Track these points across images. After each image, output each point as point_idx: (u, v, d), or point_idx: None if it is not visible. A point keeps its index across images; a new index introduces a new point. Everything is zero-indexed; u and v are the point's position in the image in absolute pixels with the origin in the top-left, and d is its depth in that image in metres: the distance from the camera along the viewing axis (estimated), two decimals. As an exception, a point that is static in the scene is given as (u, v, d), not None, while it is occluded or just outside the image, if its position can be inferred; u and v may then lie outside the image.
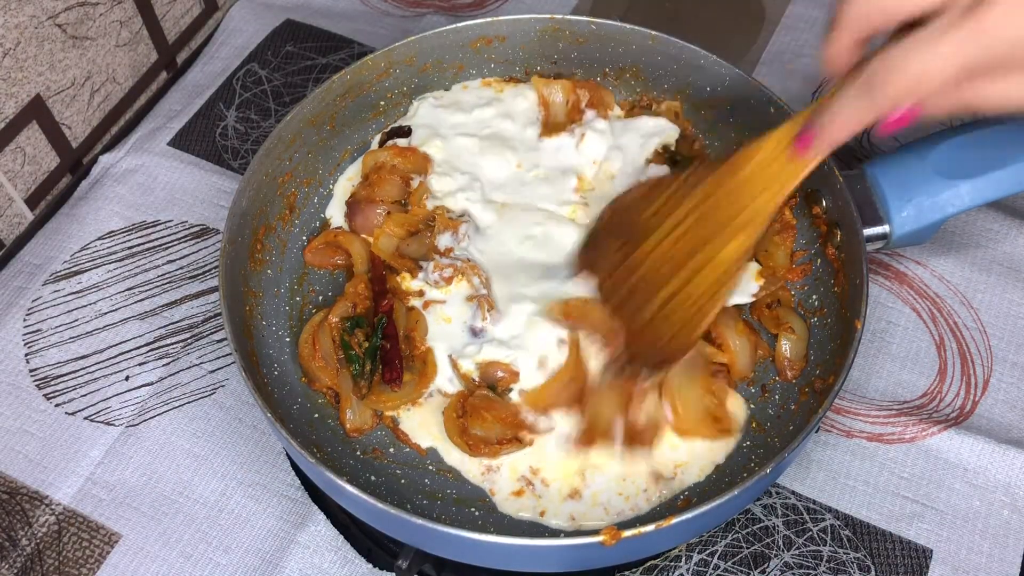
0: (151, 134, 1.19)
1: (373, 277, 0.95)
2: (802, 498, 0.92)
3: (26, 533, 0.91)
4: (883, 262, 1.07)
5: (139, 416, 0.98)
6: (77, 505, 0.92)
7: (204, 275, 1.07)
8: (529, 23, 1.05)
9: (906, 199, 0.91)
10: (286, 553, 0.90)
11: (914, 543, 0.90)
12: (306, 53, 1.28)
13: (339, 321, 0.91)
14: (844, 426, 0.96)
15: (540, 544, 0.77)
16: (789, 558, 0.89)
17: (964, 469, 0.93)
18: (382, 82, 1.04)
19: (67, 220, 1.12)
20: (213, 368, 1.01)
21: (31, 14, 1.04)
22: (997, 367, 1.00)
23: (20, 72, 1.06)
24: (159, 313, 1.05)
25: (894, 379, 0.99)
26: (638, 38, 1.03)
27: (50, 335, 1.03)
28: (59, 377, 1.00)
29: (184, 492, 0.93)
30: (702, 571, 0.88)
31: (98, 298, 1.06)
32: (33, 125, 1.10)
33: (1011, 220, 1.09)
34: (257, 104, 1.23)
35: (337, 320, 0.91)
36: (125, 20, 1.19)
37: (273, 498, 0.93)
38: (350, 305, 0.92)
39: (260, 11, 1.32)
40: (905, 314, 1.04)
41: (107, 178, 1.15)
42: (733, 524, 0.91)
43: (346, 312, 0.92)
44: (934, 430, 0.95)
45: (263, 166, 0.94)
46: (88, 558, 0.90)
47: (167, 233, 1.11)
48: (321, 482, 0.81)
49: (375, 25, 1.32)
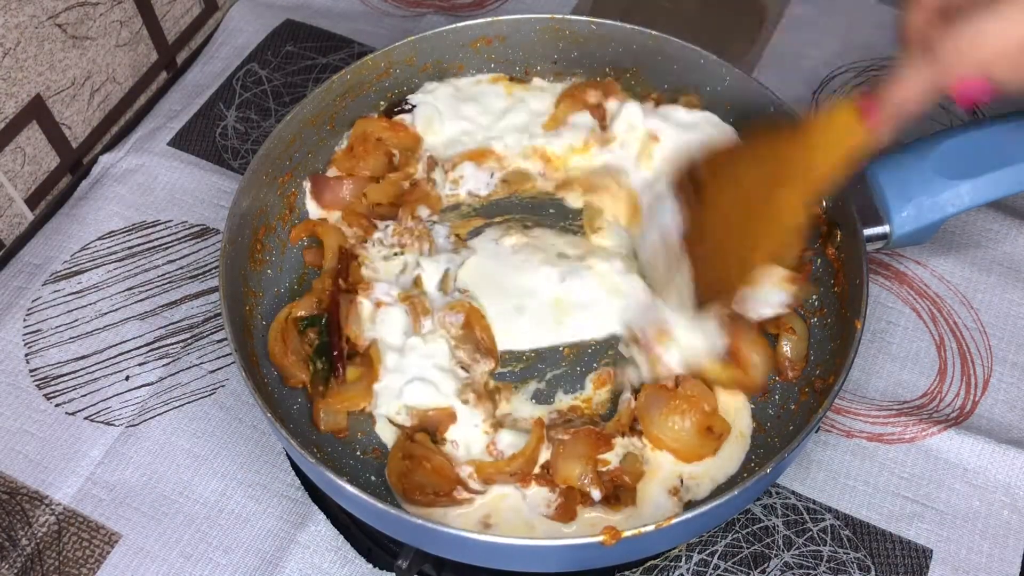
0: (151, 134, 1.19)
1: (339, 272, 0.94)
2: (802, 498, 0.92)
3: (26, 533, 0.91)
4: (883, 262, 1.07)
5: (139, 416, 0.98)
6: (77, 505, 0.92)
7: (204, 275, 1.07)
8: (529, 23, 1.05)
9: (906, 199, 0.90)
10: (286, 553, 0.90)
11: (914, 543, 0.90)
12: (306, 53, 1.28)
13: (295, 319, 0.90)
14: (844, 426, 0.96)
15: (540, 544, 0.77)
16: (789, 558, 0.89)
17: (964, 469, 0.93)
18: (382, 82, 1.04)
19: (67, 220, 1.12)
20: (213, 368, 1.01)
21: (31, 14, 1.04)
22: (997, 367, 1.00)
23: (20, 72, 1.06)
24: (159, 313, 1.05)
25: (894, 379, 0.99)
26: (638, 38, 1.03)
27: (50, 335, 1.03)
28: (59, 377, 1.00)
29: (184, 492, 0.93)
30: (702, 571, 0.88)
31: (98, 298, 1.06)
32: (33, 125, 1.10)
33: (1011, 220, 1.09)
34: (257, 104, 1.23)
35: (293, 317, 0.90)
36: (125, 20, 1.19)
37: (273, 498, 0.93)
38: (315, 301, 0.92)
39: (260, 11, 1.32)
40: (905, 314, 1.04)
41: (107, 178, 1.15)
42: (733, 524, 0.91)
43: (309, 308, 0.91)
44: (934, 430, 0.95)
45: (263, 166, 0.94)
46: (88, 558, 0.90)
47: (167, 233, 1.11)
48: (321, 482, 0.81)
49: (375, 25, 1.32)
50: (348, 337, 0.90)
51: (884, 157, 0.94)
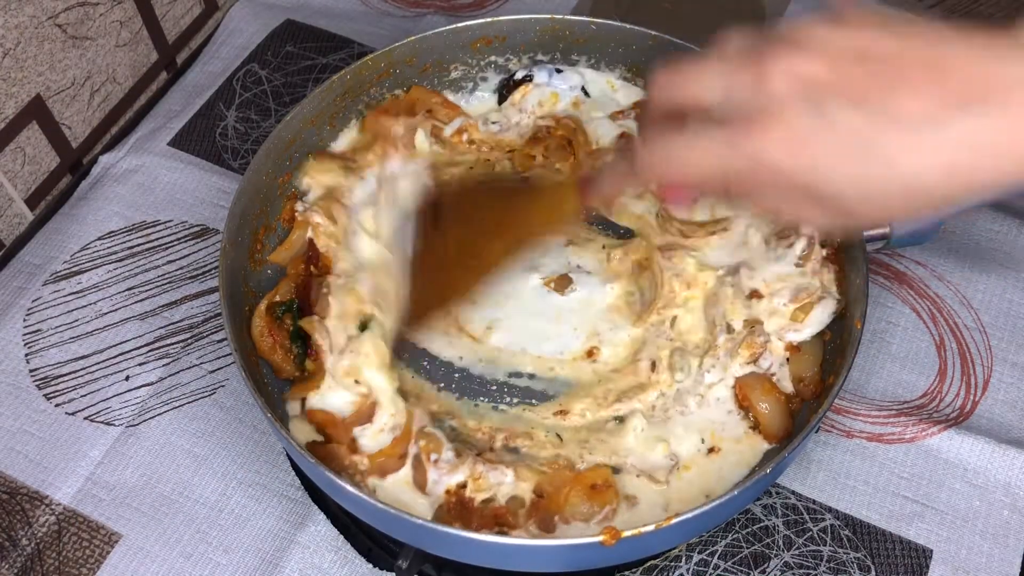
0: (151, 134, 1.19)
1: (310, 259, 0.94)
2: (802, 498, 0.92)
3: (26, 533, 0.91)
4: (883, 262, 1.07)
5: (139, 416, 0.98)
6: (77, 505, 0.92)
7: (204, 275, 1.07)
8: (529, 23, 1.05)
9: (906, 199, 0.90)
10: (286, 553, 0.90)
11: (914, 543, 0.90)
12: (306, 53, 1.28)
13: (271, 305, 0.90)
14: (844, 426, 0.96)
15: (540, 544, 0.77)
16: (789, 558, 0.89)
17: (964, 469, 0.93)
18: (382, 82, 1.04)
19: (67, 220, 1.12)
20: (213, 368, 1.01)
21: (31, 14, 1.04)
22: (997, 367, 1.00)
23: (20, 72, 1.06)
24: (159, 313, 1.05)
25: (894, 379, 0.99)
26: (638, 38, 1.03)
27: (50, 335, 1.03)
28: (59, 377, 1.00)
29: (184, 492, 0.93)
30: (702, 571, 0.88)
31: (98, 298, 1.06)
32: (33, 125, 1.10)
33: (1011, 220, 1.09)
34: (257, 104, 1.23)
35: (270, 303, 0.90)
36: (125, 20, 1.19)
37: (273, 498, 0.93)
38: (292, 287, 0.92)
39: (260, 11, 1.32)
40: (905, 314, 1.04)
41: (107, 178, 1.15)
42: (733, 524, 0.91)
43: (285, 295, 0.91)
44: (934, 430, 0.95)
45: (263, 166, 0.94)
46: (88, 558, 0.90)
47: (167, 233, 1.11)
48: (321, 482, 0.81)
49: (375, 25, 1.32)
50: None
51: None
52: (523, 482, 0.82)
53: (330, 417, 0.84)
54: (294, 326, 0.90)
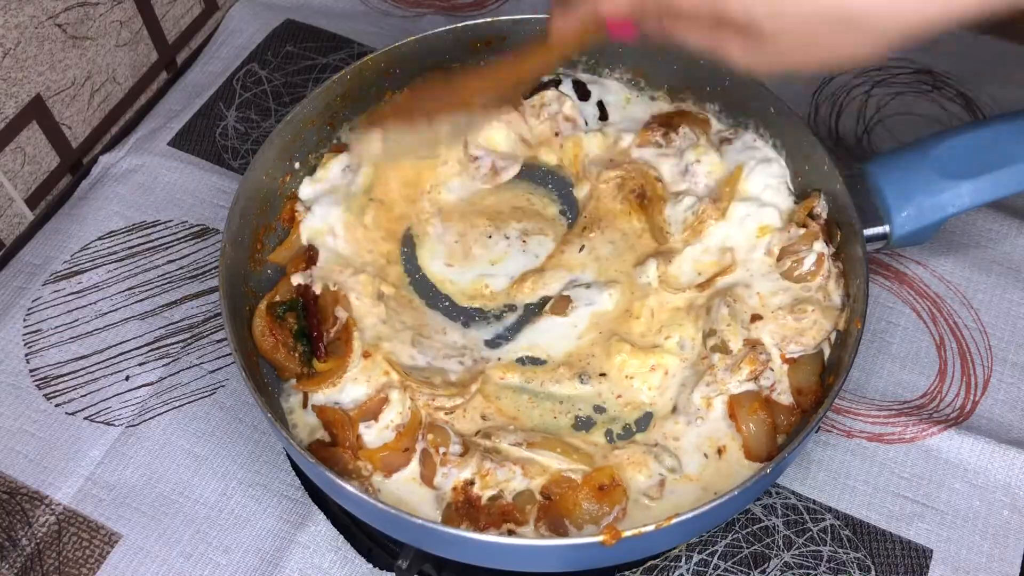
0: (151, 134, 1.19)
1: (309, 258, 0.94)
2: (802, 498, 0.92)
3: (26, 533, 0.91)
4: (883, 262, 1.07)
5: (139, 416, 0.98)
6: (77, 505, 0.92)
7: (204, 275, 1.07)
8: (529, 23, 1.05)
9: (906, 199, 0.90)
10: (286, 553, 0.90)
11: (914, 543, 0.90)
12: (306, 53, 1.28)
13: (272, 305, 0.90)
14: (844, 426, 0.96)
15: (540, 544, 0.77)
16: (789, 558, 0.89)
17: (964, 469, 0.93)
18: (382, 82, 1.04)
19: (67, 220, 1.12)
20: (213, 368, 1.01)
21: (31, 14, 1.04)
22: (997, 367, 1.00)
23: (20, 72, 1.06)
24: (159, 313, 1.05)
25: (894, 379, 0.99)
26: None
27: (50, 335, 1.03)
28: (59, 377, 1.00)
29: (184, 492, 0.93)
30: (702, 571, 0.88)
31: (98, 298, 1.06)
32: (33, 125, 1.10)
33: (1011, 220, 1.09)
34: (257, 104, 1.23)
35: (271, 303, 0.90)
36: (125, 20, 1.19)
37: (273, 498, 0.93)
38: (292, 287, 0.92)
39: (260, 11, 1.32)
40: (905, 314, 1.04)
41: (107, 178, 1.15)
42: (733, 524, 0.91)
43: (285, 295, 0.91)
44: (934, 430, 0.95)
45: (263, 166, 0.94)
46: (88, 558, 0.90)
47: (167, 233, 1.11)
48: (321, 482, 0.81)
49: (375, 25, 1.32)
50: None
51: (884, 157, 0.94)
52: (532, 479, 0.82)
53: (339, 415, 0.84)
54: (297, 325, 0.90)
